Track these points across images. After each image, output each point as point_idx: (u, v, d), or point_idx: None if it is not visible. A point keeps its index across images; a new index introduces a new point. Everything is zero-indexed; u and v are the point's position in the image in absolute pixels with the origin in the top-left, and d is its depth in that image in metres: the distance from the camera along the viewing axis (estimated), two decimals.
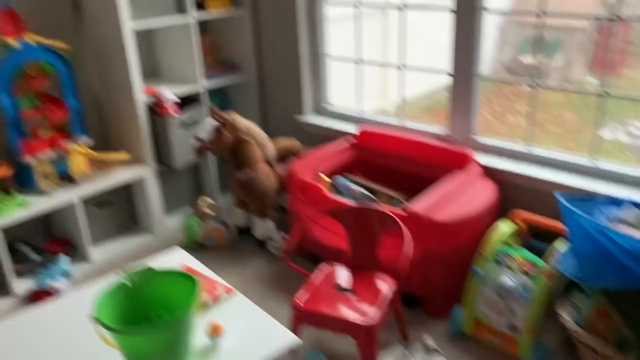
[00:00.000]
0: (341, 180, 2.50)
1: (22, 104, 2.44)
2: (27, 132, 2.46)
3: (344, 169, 2.63)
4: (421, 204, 2.09)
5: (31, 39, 2.42)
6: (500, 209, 2.29)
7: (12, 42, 2.35)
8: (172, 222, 3.00)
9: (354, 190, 2.43)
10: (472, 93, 2.43)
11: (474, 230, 2.16)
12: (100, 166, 2.71)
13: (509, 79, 6.21)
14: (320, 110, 3.08)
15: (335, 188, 2.48)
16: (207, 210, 2.96)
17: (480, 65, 2.39)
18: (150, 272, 1.38)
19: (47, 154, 2.49)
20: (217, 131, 2.53)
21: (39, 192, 2.51)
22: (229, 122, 2.55)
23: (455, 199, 2.16)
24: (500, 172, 2.33)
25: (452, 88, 2.48)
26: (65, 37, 2.69)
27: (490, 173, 2.35)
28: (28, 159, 2.43)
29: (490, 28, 3.69)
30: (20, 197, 2.44)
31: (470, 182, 2.28)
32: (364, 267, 2.02)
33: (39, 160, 2.47)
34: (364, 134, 2.71)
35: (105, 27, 2.65)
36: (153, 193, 2.85)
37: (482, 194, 2.24)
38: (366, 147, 2.69)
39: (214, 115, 2.54)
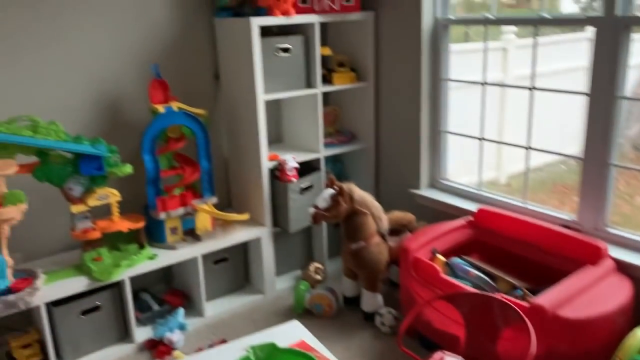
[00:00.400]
0: (458, 261, 2.43)
1: (161, 163, 2.67)
2: (163, 190, 2.67)
3: (460, 249, 2.55)
4: (547, 297, 1.96)
5: (175, 105, 2.67)
6: (636, 310, 2.09)
7: (160, 108, 2.61)
8: (281, 284, 3.06)
9: (471, 274, 2.34)
10: (606, 182, 2.29)
11: (605, 332, 1.98)
12: (222, 224, 2.87)
13: None
14: (437, 185, 3.05)
15: (451, 269, 2.41)
16: (316, 276, 3.00)
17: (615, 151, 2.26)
18: (273, 348, 1.41)
19: (178, 211, 2.67)
20: (334, 200, 2.58)
21: (167, 245, 2.69)
22: (346, 192, 2.60)
23: (585, 295, 2.00)
24: (638, 268, 2.14)
25: (583, 174, 2.35)
26: (203, 104, 2.94)
27: (625, 269, 2.17)
28: (161, 215, 2.62)
29: None
30: (150, 250, 2.63)
31: (603, 277, 2.11)
32: (479, 359, 1.91)
33: (170, 216, 2.66)
34: (482, 213, 2.63)
35: (240, 97, 2.86)
36: (267, 254, 2.94)
37: (616, 292, 2.06)
38: (485, 227, 2.60)
39: (331, 184, 2.60)
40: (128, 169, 2.48)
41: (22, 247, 2.54)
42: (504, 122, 4.58)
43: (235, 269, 2.99)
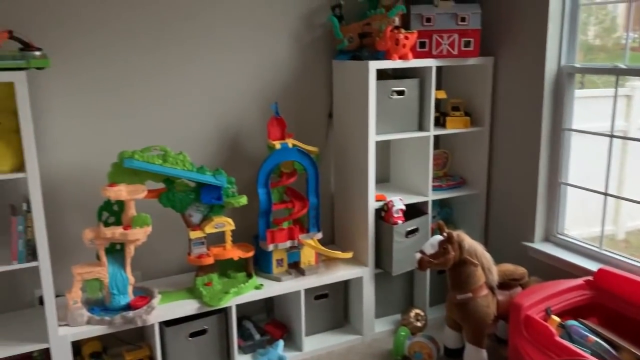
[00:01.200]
0: (575, 324, 2.26)
1: (273, 196, 2.76)
2: (272, 222, 2.76)
3: (577, 312, 2.37)
4: None
5: (290, 142, 2.77)
6: None
7: (277, 144, 2.72)
8: (380, 327, 3.02)
9: (589, 340, 2.16)
10: None
11: None
12: (325, 260, 2.90)
13: None
14: (552, 239, 2.88)
15: (567, 332, 2.24)
16: (417, 323, 2.92)
17: None
18: None
19: (285, 244, 2.74)
20: (442, 247, 2.51)
21: (272, 276, 2.76)
22: (455, 240, 2.52)
23: None
24: None
25: None
26: (315, 141, 3.03)
27: None
28: (270, 247, 2.70)
29: None
30: (257, 280, 2.71)
31: None
32: None
33: (278, 248, 2.74)
34: (603, 273, 2.43)
35: (351, 136, 2.91)
36: (367, 294, 2.92)
37: None
38: (606, 289, 2.41)
39: (441, 230, 2.55)
40: (244, 200, 2.60)
41: (141, 266, 2.72)
42: (624, 174, 4.27)
43: (335, 306, 3.00)
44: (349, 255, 2.84)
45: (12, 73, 2.03)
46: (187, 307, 2.52)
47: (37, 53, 2.14)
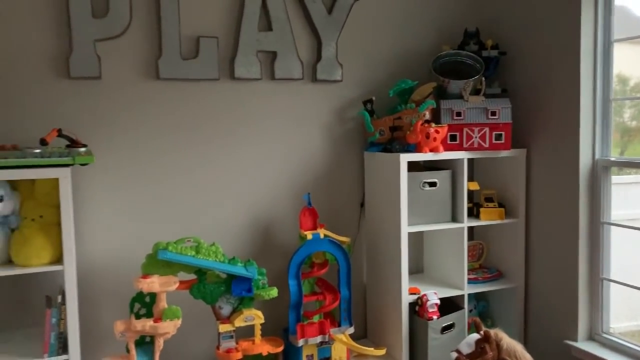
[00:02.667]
0: None
1: (304, 288, 2.73)
2: (303, 315, 2.70)
3: None
4: None
5: (322, 232, 2.77)
6: None
7: (308, 235, 2.72)
8: None
9: None
10: None
11: None
12: (357, 357, 2.80)
13: None
14: (597, 338, 2.72)
15: None
16: None
17: None
18: None
19: (316, 339, 2.67)
20: (479, 347, 2.40)
21: None
22: (493, 339, 2.41)
23: None
24: None
25: None
26: (347, 231, 3.03)
27: None
28: (300, 342, 2.64)
29: None
30: None
31: None
32: None
33: (308, 343, 2.66)
34: None
35: (383, 227, 2.90)
36: None
37: None
38: None
39: (477, 328, 2.45)
40: (274, 292, 2.57)
41: (169, 358, 2.68)
42: None
43: None
44: (382, 352, 2.74)
45: (58, 169, 2.14)
46: None
47: (82, 149, 2.26)
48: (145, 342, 2.47)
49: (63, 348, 2.19)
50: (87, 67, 2.49)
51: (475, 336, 2.43)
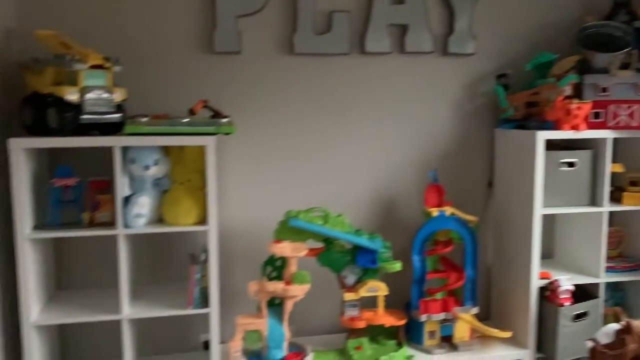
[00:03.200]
0: None
1: (427, 264, 2.72)
2: (425, 292, 2.70)
3: None
4: None
5: (448, 210, 2.72)
6: None
7: (434, 212, 2.69)
8: None
9: None
10: None
11: None
12: (480, 337, 2.74)
13: None
14: None
15: None
16: None
17: None
18: None
19: (439, 315, 2.66)
20: (619, 337, 2.25)
21: (423, 348, 2.68)
22: (635, 331, 2.24)
23: None
24: None
25: None
26: (473, 210, 2.94)
27: None
28: (422, 317, 2.64)
29: None
30: (407, 350, 2.64)
31: None
32: None
33: (431, 319, 2.66)
34: None
35: (513, 207, 2.79)
36: None
37: None
38: None
39: (617, 318, 2.29)
40: (398, 266, 2.59)
41: (295, 321, 2.81)
42: None
43: None
44: (507, 334, 2.66)
45: (204, 138, 2.31)
46: None
47: (224, 120, 2.40)
48: (275, 304, 2.61)
49: (205, 302, 2.38)
50: (229, 42, 2.63)
51: (614, 326, 2.28)
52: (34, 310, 2.25)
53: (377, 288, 2.60)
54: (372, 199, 2.94)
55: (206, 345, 2.77)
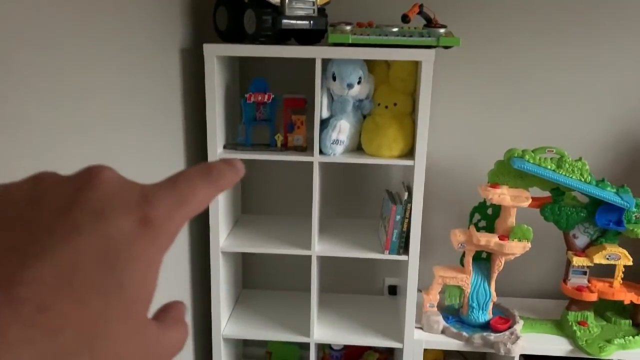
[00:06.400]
0: None
1: None
2: None
3: None
4: None
5: None
6: None
7: None
8: None
9: None
10: None
11: None
12: None
13: None
14: None
15: None
16: None
17: None
18: None
19: None
20: None
21: None
22: None
23: None
24: None
25: None
26: None
27: None
28: None
29: None
30: None
31: None
32: None
33: None
34: None
35: None
36: None
37: None
38: None
39: None
40: None
41: (498, 280, 2.38)
42: None
43: None
44: None
45: (421, 51, 1.86)
46: (555, 345, 2.07)
47: (442, 30, 1.92)
48: (480, 259, 2.19)
49: (403, 248, 2.03)
50: None
51: None
52: (222, 236, 2.09)
53: (620, 255, 2.04)
54: (619, 140, 2.30)
55: (392, 290, 2.49)
